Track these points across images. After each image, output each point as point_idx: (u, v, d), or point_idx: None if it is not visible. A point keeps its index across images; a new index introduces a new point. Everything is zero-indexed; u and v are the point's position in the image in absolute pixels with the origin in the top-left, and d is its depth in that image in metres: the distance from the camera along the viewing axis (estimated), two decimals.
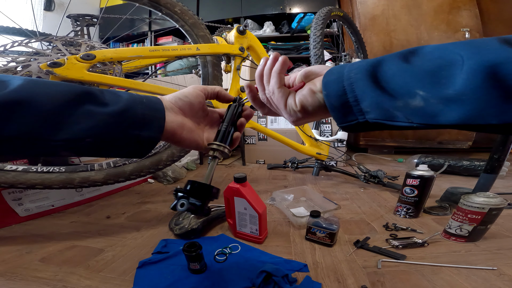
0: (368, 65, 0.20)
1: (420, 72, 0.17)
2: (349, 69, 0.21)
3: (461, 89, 0.15)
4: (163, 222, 0.62)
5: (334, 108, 0.22)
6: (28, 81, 0.20)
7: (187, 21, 0.72)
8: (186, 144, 0.29)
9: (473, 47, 0.16)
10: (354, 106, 0.20)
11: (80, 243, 0.53)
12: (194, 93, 0.29)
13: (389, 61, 0.19)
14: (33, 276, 0.42)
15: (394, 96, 0.18)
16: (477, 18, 1.33)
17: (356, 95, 0.20)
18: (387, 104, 0.19)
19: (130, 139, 0.24)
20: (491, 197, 0.47)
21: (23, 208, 0.64)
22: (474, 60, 0.15)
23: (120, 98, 0.24)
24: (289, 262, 0.45)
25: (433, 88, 0.16)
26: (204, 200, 0.26)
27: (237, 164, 1.34)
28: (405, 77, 0.18)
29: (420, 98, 0.17)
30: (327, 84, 0.22)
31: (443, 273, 0.41)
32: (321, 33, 0.97)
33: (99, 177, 0.57)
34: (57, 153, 0.22)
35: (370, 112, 0.20)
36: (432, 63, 0.17)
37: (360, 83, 0.20)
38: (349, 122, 0.22)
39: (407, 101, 0.18)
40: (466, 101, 0.15)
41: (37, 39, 0.55)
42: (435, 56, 0.17)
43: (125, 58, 0.56)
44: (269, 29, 2.03)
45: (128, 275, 0.42)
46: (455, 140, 1.41)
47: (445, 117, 0.16)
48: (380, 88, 0.19)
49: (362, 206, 0.70)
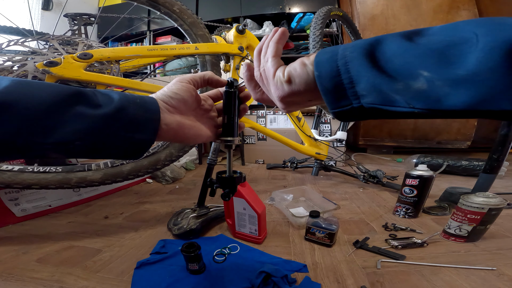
0: (366, 44, 0.18)
1: (426, 51, 0.15)
2: (344, 48, 0.19)
3: (474, 69, 0.13)
4: (162, 222, 0.61)
5: (327, 91, 0.19)
6: (16, 82, 0.20)
7: (185, 20, 0.72)
8: (191, 141, 0.28)
9: (490, 24, 0.14)
10: (348, 89, 0.18)
11: (78, 244, 0.53)
12: (183, 87, 0.28)
13: (390, 40, 0.17)
14: (30, 276, 0.42)
15: (394, 77, 0.16)
16: (476, 18, 1.34)
17: (351, 76, 0.18)
18: (385, 86, 0.17)
19: (122, 141, 0.23)
20: (490, 197, 0.47)
21: (20, 208, 0.63)
22: (492, 37, 0.13)
23: (113, 99, 0.23)
24: (289, 262, 0.44)
25: (440, 68, 0.15)
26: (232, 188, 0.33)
27: (236, 164, 1.34)
28: (407, 57, 0.16)
29: (423, 79, 0.15)
30: (319, 63, 0.20)
31: (443, 273, 0.40)
32: (320, 33, 0.96)
33: (97, 177, 0.56)
34: (46, 156, 0.22)
35: (366, 96, 0.18)
36: (440, 42, 0.15)
37: (355, 62, 0.18)
38: (343, 108, 0.19)
39: (408, 83, 0.16)
40: (478, 83, 0.13)
41: (33, 38, 0.55)
42: (444, 34, 0.15)
43: (122, 58, 0.56)
44: (269, 28, 2.03)
45: (126, 275, 0.42)
46: (454, 140, 1.41)
47: (451, 101, 0.14)
48: (378, 68, 0.17)
49: (361, 206, 0.70)
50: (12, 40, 0.51)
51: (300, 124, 0.95)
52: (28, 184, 0.50)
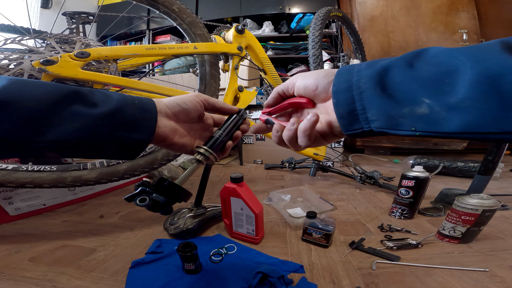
0: (377, 74, 0.20)
1: (426, 79, 0.18)
2: (358, 78, 0.21)
3: (463, 98, 0.16)
4: (158, 222, 0.61)
5: (341, 116, 0.22)
6: (13, 82, 0.20)
7: (185, 20, 0.72)
8: (177, 148, 0.28)
9: (476, 54, 0.16)
10: (361, 115, 0.21)
11: (72, 243, 0.52)
12: (194, 101, 0.29)
13: (396, 68, 0.20)
14: (22, 276, 0.41)
15: (401, 103, 0.19)
16: (475, 19, 1.35)
17: (363, 104, 0.21)
18: (393, 111, 0.19)
19: (118, 141, 0.24)
20: (484, 199, 0.47)
21: (14, 207, 0.62)
22: (477, 70, 0.15)
23: (111, 98, 0.23)
24: (285, 263, 0.45)
25: (438, 96, 0.17)
26: (171, 199, 0.25)
27: (234, 164, 1.34)
28: (412, 85, 0.18)
29: (426, 105, 0.18)
30: (337, 92, 0.22)
31: (436, 275, 0.41)
32: (319, 34, 0.97)
33: (92, 176, 0.56)
34: (42, 155, 0.22)
35: (376, 121, 0.20)
36: (437, 69, 0.18)
37: (368, 92, 0.20)
38: (354, 131, 0.22)
39: (413, 108, 0.18)
40: (467, 109, 0.16)
41: (31, 37, 0.54)
42: (439, 60, 0.18)
43: (120, 57, 0.55)
44: (268, 29, 2.03)
45: (120, 275, 0.42)
46: (450, 141, 1.42)
47: (447, 124, 0.17)
48: (388, 95, 0.19)
49: (358, 207, 0.70)
50: (9, 39, 0.51)
51: None
52: (22, 183, 0.50)
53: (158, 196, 0.24)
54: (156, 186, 0.24)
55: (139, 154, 0.26)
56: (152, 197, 0.23)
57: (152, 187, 0.24)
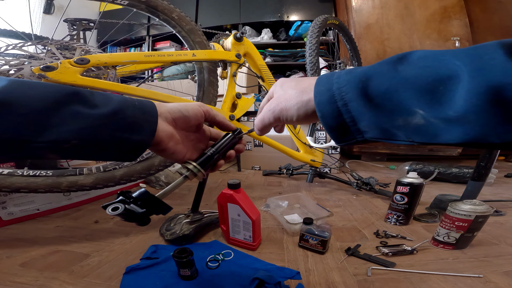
0: (357, 80, 0.19)
1: (417, 86, 0.16)
2: (338, 86, 0.20)
3: (462, 111, 0.14)
4: (154, 227, 0.61)
5: (331, 129, 0.21)
6: (13, 82, 0.20)
7: (184, 27, 0.73)
8: (168, 154, 0.28)
9: (474, 60, 0.14)
10: (351, 127, 0.20)
11: (65, 248, 0.52)
12: (196, 110, 0.29)
13: (378, 73, 0.18)
14: (12, 281, 0.41)
15: (393, 114, 0.17)
16: (467, 27, 1.39)
17: (352, 116, 0.19)
18: (386, 124, 0.18)
19: (118, 142, 0.23)
20: (477, 205, 0.48)
21: (7, 211, 0.62)
22: (478, 79, 0.14)
23: (111, 100, 0.23)
24: (282, 269, 0.44)
25: (432, 107, 0.16)
26: (148, 211, 0.25)
27: (232, 170, 1.34)
28: (402, 93, 0.17)
29: (420, 116, 0.16)
30: (320, 104, 0.21)
31: (431, 281, 0.41)
32: (316, 41, 0.99)
33: (88, 182, 0.56)
34: (42, 156, 0.21)
35: (369, 132, 0.19)
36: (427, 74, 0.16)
37: (354, 104, 0.19)
38: (348, 141, 0.21)
39: (407, 119, 0.17)
40: (467, 123, 0.15)
41: (32, 43, 0.55)
42: (427, 64, 0.16)
43: (119, 63, 0.56)
44: (267, 36, 2.07)
45: (114, 281, 0.41)
46: (445, 147, 1.44)
47: (446, 136, 0.16)
48: (376, 106, 0.18)
49: (354, 213, 0.71)
50: (10, 44, 0.51)
51: (296, 131, 0.96)
52: (17, 188, 0.49)
53: (135, 206, 0.24)
54: (136, 197, 0.25)
55: (139, 156, 0.26)
56: (127, 207, 0.23)
57: (131, 198, 0.25)
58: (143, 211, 0.24)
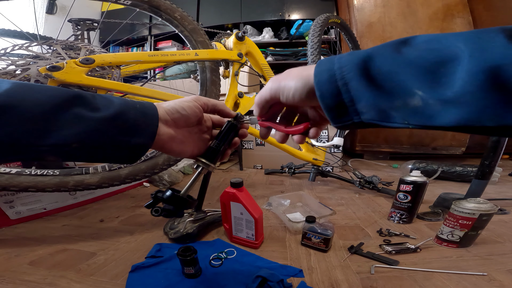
0: (359, 60, 0.19)
1: (418, 68, 0.16)
2: (339, 66, 0.20)
3: (460, 91, 0.14)
4: (158, 226, 0.61)
5: (329, 108, 0.21)
6: (16, 85, 0.20)
7: (186, 27, 0.74)
8: (176, 154, 0.29)
9: (476, 42, 0.14)
10: (349, 107, 0.20)
11: (72, 247, 0.52)
12: (193, 107, 0.29)
13: (381, 56, 0.18)
14: (21, 279, 0.42)
15: (392, 95, 0.17)
16: (470, 25, 1.37)
17: (351, 96, 0.19)
18: (384, 104, 0.18)
19: (119, 145, 0.24)
20: (481, 203, 0.48)
21: (14, 211, 0.63)
22: (477, 60, 0.14)
23: (113, 103, 0.24)
24: (285, 267, 0.45)
25: (432, 88, 0.16)
26: (178, 207, 0.29)
27: (234, 169, 1.34)
28: (403, 75, 0.17)
29: (419, 97, 0.16)
30: (319, 84, 0.21)
31: (435, 279, 0.41)
32: (318, 40, 0.99)
33: (94, 181, 0.56)
34: (43, 158, 0.22)
35: (366, 113, 0.19)
36: (430, 57, 0.16)
37: (354, 82, 0.19)
38: (344, 122, 0.21)
39: (405, 100, 0.17)
40: (464, 104, 0.15)
41: (38, 43, 0.56)
42: (432, 47, 0.16)
43: (124, 63, 0.57)
44: (268, 35, 2.07)
45: (120, 279, 0.42)
46: (448, 146, 1.43)
47: (442, 119, 0.16)
48: (376, 86, 0.18)
49: (357, 212, 0.71)
50: (17, 45, 0.52)
51: None
52: (25, 187, 0.50)
53: (168, 205, 0.28)
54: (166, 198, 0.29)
55: (139, 159, 0.26)
56: (163, 208, 0.28)
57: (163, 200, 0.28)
58: (175, 208, 0.29)
